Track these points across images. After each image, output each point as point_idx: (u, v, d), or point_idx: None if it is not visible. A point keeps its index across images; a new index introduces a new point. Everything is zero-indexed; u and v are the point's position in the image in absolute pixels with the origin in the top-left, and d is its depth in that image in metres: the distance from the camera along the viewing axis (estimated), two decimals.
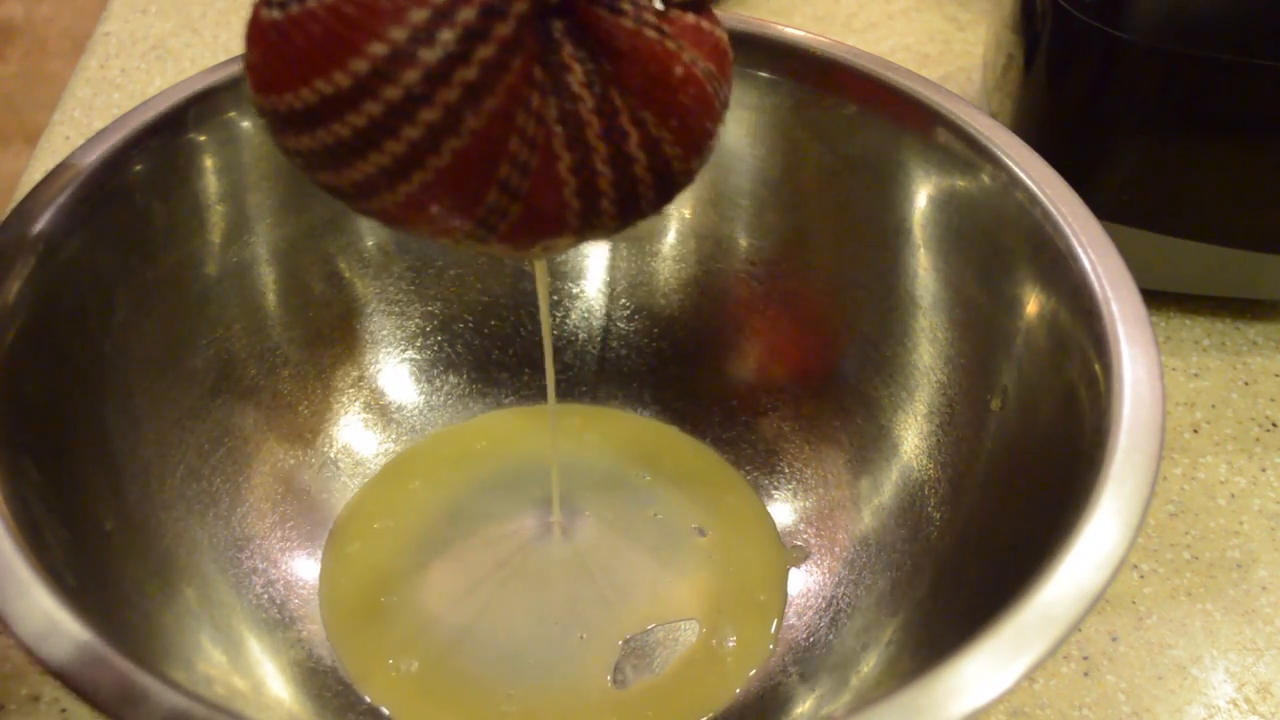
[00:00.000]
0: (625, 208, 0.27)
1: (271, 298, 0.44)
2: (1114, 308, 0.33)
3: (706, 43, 0.27)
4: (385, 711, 0.38)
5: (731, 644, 0.40)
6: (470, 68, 0.23)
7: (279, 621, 0.40)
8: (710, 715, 0.39)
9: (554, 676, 0.39)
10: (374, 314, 0.46)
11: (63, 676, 0.25)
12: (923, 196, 0.41)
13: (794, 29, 0.42)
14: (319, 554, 0.42)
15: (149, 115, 0.38)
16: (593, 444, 0.47)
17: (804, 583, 0.42)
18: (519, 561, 0.42)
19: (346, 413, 0.45)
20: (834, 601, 0.41)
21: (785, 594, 0.42)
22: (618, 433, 0.47)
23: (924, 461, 0.41)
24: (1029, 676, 0.27)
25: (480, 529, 0.43)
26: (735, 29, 0.42)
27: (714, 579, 0.42)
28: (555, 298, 0.48)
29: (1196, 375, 0.50)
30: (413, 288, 0.47)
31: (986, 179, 0.38)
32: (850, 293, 0.44)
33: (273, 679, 0.38)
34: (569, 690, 0.39)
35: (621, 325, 0.48)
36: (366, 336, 0.46)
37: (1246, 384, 0.50)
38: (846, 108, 0.41)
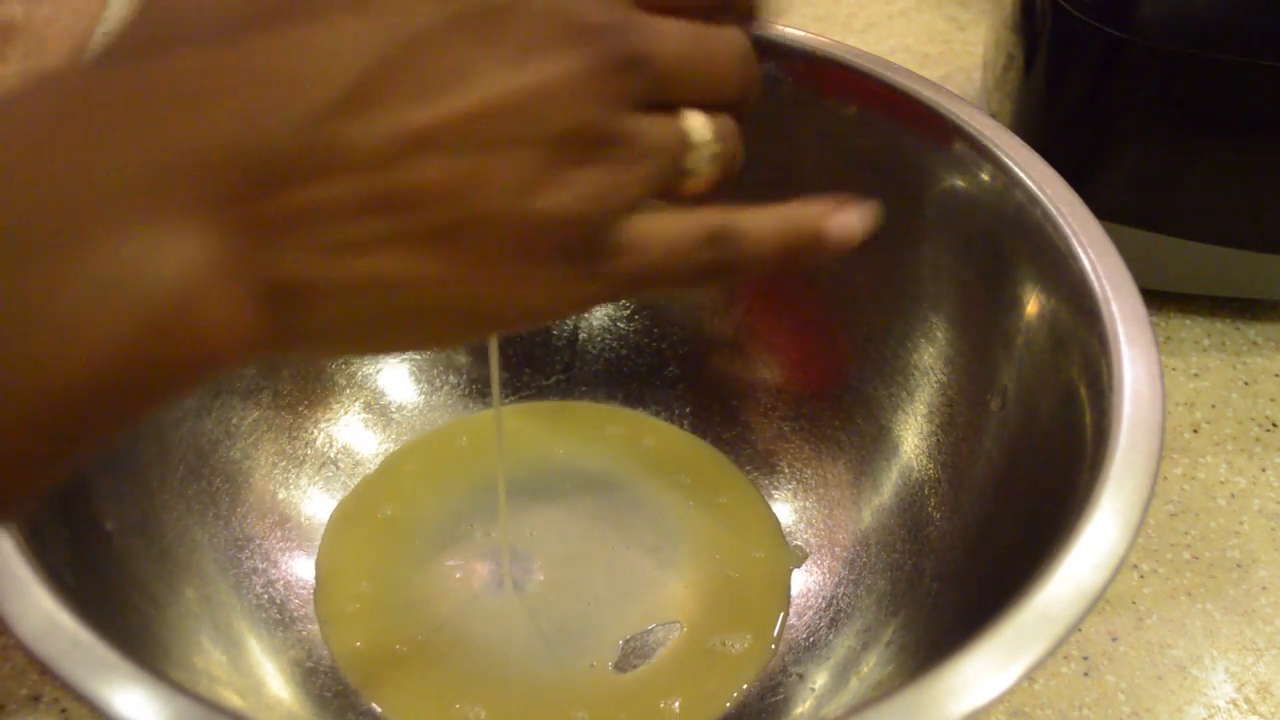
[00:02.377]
0: None
1: None
2: (1114, 308, 0.33)
3: None
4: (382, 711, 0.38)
5: (734, 645, 0.40)
6: None
7: (279, 621, 0.40)
8: (713, 716, 0.39)
9: (553, 676, 0.39)
10: None
11: (60, 675, 0.25)
12: (923, 197, 0.41)
13: (794, 29, 0.42)
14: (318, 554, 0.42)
15: None
16: (594, 443, 0.46)
17: (804, 583, 0.42)
18: (518, 561, 0.42)
19: (346, 413, 0.45)
20: (834, 601, 0.41)
21: (788, 594, 0.42)
22: (620, 432, 0.47)
23: (924, 461, 0.41)
24: (1029, 676, 0.27)
25: (480, 528, 0.43)
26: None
27: (716, 579, 0.42)
28: None
29: (1196, 375, 0.50)
30: None
31: (986, 179, 0.38)
32: (850, 293, 0.44)
33: (273, 679, 0.38)
34: (569, 689, 0.39)
35: (621, 325, 0.48)
36: None
37: (1246, 384, 0.50)
38: (847, 108, 0.41)
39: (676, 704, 0.39)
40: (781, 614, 0.41)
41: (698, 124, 0.25)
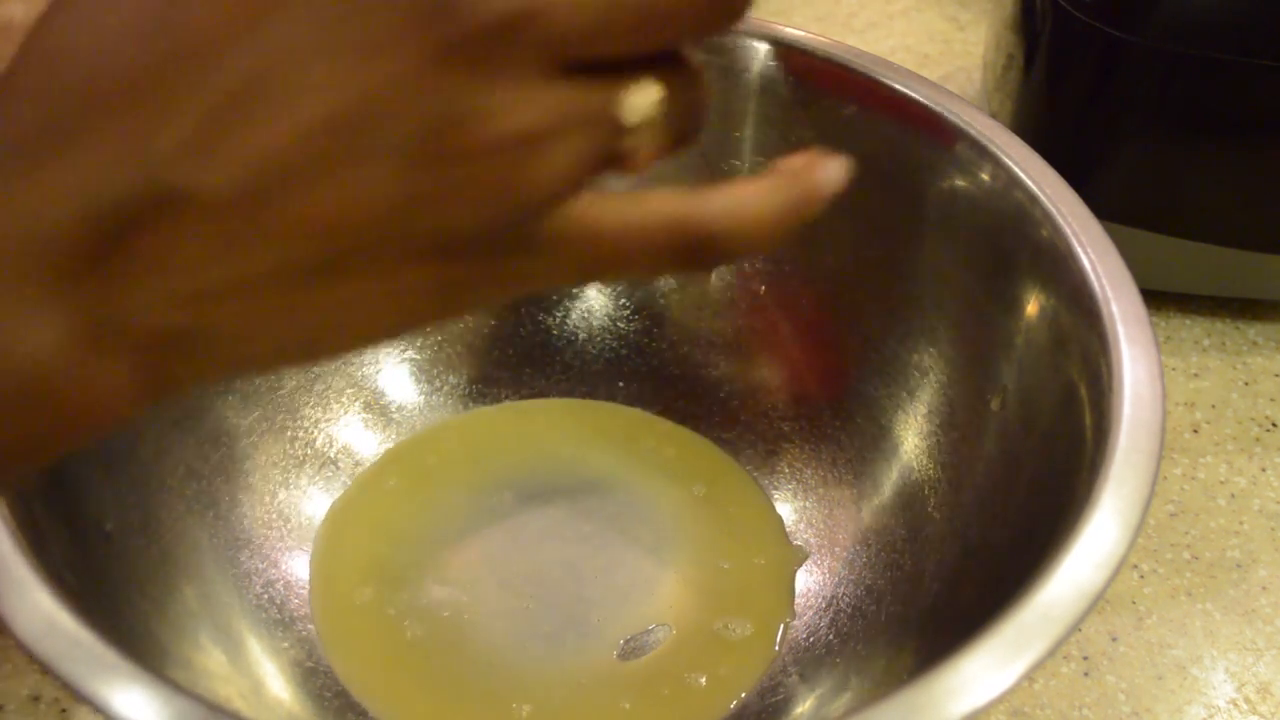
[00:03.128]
0: None
1: None
2: (1114, 308, 0.33)
3: None
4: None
5: (736, 646, 0.40)
6: None
7: (279, 621, 0.40)
8: (715, 718, 0.39)
9: (551, 676, 0.39)
10: None
11: (60, 675, 0.25)
12: (923, 197, 0.41)
13: (794, 29, 0.42)
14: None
15: None
16: (595, 442, 0.46)
17: (804, 583, 0.42)
18: (518, 561, 0.42)
19: (346, 413, 0.45)
20: (834, 601, 0.41)
21: (793, 594, 0.42)
22: (621, 431, 0.47)
23: (924, 461, 0.41)
24: (1029, 676, 0.27)
25: (478, 528, 0.43)
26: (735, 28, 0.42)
27: (719, 580, 0.42)
28: (555, 297, 0.48)
29: (1196, 375, 0.50)
30: None
31: (986, 179, 0.38)
32: (850, 293, 0.44)
33: (273, 679, 0.38)
34: (568, 689, 0.39)
35: (621, 325, 0.48)
36: None
37: (1246, 384, 0.50)
38: (846, 108, 0.41)
39: (679, 707, 0.39)
40: (788, 615, 0.41)
41: (637, 94, 0.20)
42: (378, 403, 0.46)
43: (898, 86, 0.40)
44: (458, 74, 0.18)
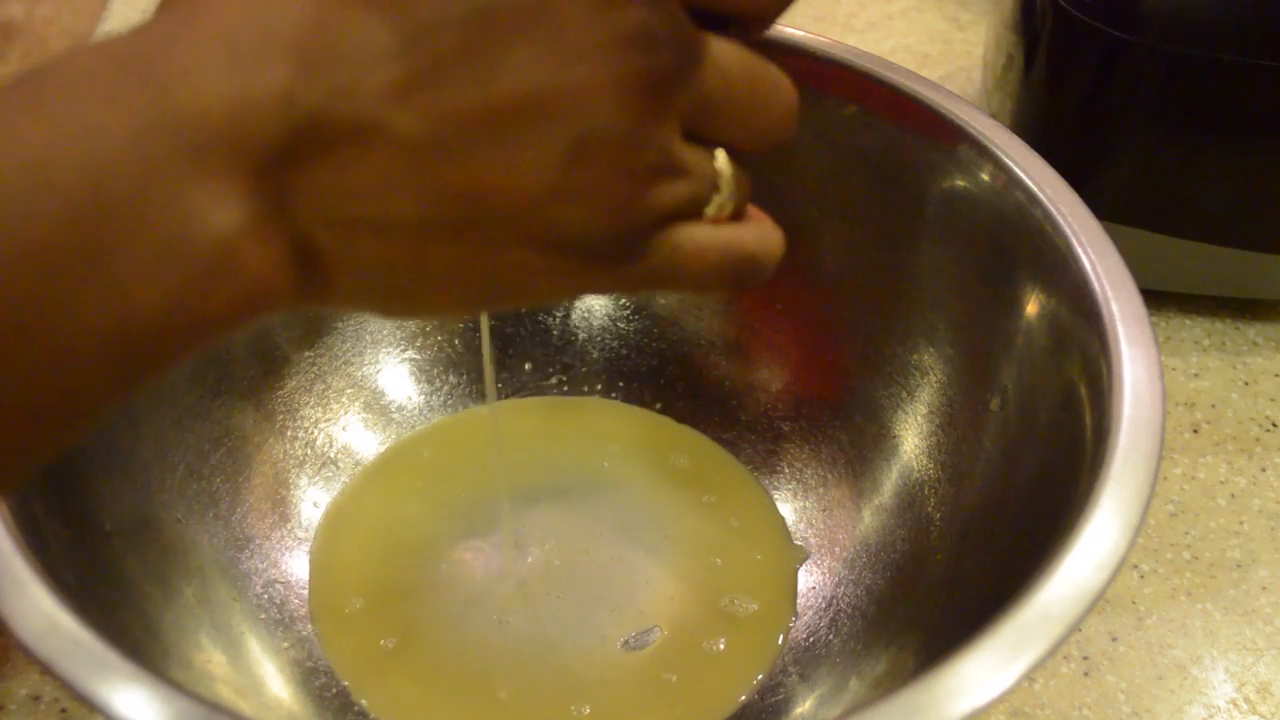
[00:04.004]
0: None
1: None
2: (1114, 308, 0.33)
3: None
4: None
5: (739, 645, 0.40)
6: None
7: (279, 621, 0.40)
8: (717, 718, 0.39)
9: (551, 677, 0.39)
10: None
11: (60, 675, 0.25)
12: (923, 197, 0.41)
13: (794, 29, 0.42)
14: None
15: None
16: (596, 441, 0.46)
17: (804, 583, 0.42)
18: (518, 561, 0.42)
19: (346, 413, 0.45)
20: (834, 601, 0.41)
21: (795, 595, 0.42)
22: (622, 430, 0.47)
23: (924, 461, 0.41)
24: (1029, 676, 0.27)
25: (478, 528, 0.43)
26: None
27: (720, 577, 0.42)
28: None
29: (1196, 375, 0.50)
30: None
31: (986, 179, 0.38)
32: (850, 293, 0.44)
33: (273, 679, 0.38)
34: (568, 689, 0.39)
35: (621, 325, 0.48)
36: (367, 336, 0.46)
37: (1246, 384, 0.50)
38: (847, 108, 0.41)
39: (681, 707, 0.39)
40: (790, 616, 0.41)
41: (724, 165, 0.25)
42: (378, 403, 0.46)
43: (898, 86, 0.40)
44: (642, 100, 0.22)
